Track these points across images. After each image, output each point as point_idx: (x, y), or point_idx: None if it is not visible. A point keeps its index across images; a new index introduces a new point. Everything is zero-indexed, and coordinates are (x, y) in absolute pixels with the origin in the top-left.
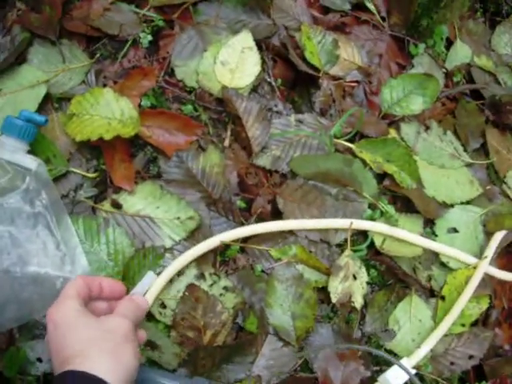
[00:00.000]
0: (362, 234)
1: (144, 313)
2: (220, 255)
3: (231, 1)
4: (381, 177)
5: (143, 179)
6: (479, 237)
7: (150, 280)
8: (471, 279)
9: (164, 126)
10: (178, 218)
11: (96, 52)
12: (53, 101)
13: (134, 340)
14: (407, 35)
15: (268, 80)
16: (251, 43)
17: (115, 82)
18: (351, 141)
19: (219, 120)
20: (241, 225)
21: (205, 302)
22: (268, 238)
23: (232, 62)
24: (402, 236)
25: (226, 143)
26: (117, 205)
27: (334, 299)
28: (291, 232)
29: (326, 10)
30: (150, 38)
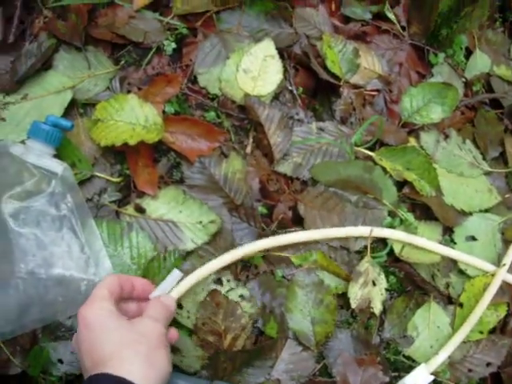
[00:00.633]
0: (382, 242)
1: (173, 314)
2: (241, 260)
3: (254, 9)
4: (400, 185)
5: (166, 184)
6: (497, 245)
7: (175, 278)
8: (489, 286)
9: (187, 133)
10: (200, 222)
11: (121, 59)
12: (78, 106)
13: (167, 345)
14: (427, 44)
15: (289, 88)
16: (273, 51)
17: (139, 89)
18: (371, 149)
19: (241, 127)
20: (262, 230)
21: (225, 307)
22: (289, 245)
23: (254, 70)
24: (421, 244)
25: (248, 150)
26: (140, 209)
27: (354, 305)
28: None
29: (347, 20)
30: (174, 46)
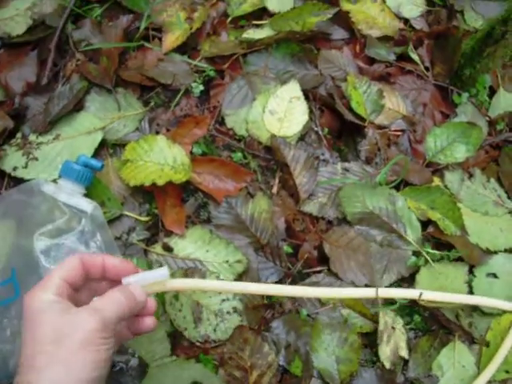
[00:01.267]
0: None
1: (139, 306)
2: (267, 298)
3: (279, 52)
4: (425, 225)
5: (193, 224)
6: None
7: (161, 275)
8: None
9: (214, 173)
10: (227, 262)
11: (150, 100)
12: (108, 146)
13: (100, 343)
14: (451, 84)
15: (315, 129)
16: (299, 93)
17: (168, 130)
18: (396, 188)
19: (267, 167)
20: (287, 270)
21: (252, 344)
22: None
23: (280, 112)
24: (434, 298)
25: (274, 190)
26: (168, 248)
27: (387, 363)
28: (337, 277)
29: (372, 61)
30: (202, 88)
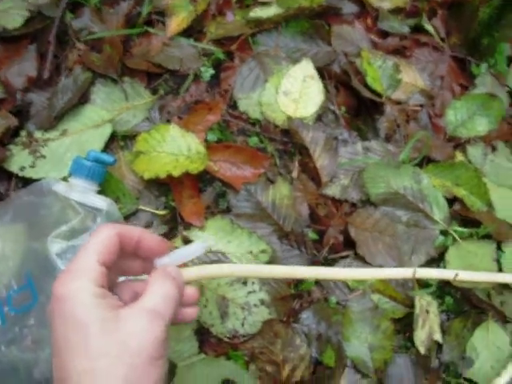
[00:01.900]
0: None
1: (182, 293)
2: (294, 288)
3: (289, 30)
4: (450, 202)
5: (213, 214)
6: None
7: (197, 250)
8: None
9: (231, 160)
10: (251, 252)
11: (158, 88)
12: (118, 139)
13: (166, 354)
14: (468, 55)
15: (332, 108)
16: (312, 71)
17: (179, 118)
18: (419, 165)
19: (285, 151)
20: (313, 257)
21: (283, 337)
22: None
23: (295, 92)
24: (472, 278)
25: (295, 174)
26: (188, 241)
27: (422, 348)
28: (365, 261)
29: (385, 34)
30: (212, 72)
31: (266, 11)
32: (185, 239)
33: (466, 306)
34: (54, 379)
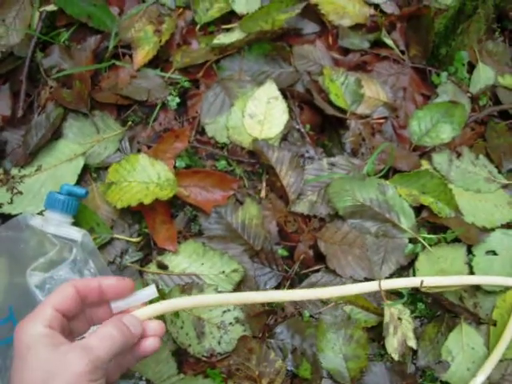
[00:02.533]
0: (406, 269)
1: (135, 337)
2: (268, 304)
3: (252, 53)
4: (418, 210)
5: (185, 238)
6: None
7: (149, 295)
8: None
9: (200, 184)
10: (223, 272)
11: (127, 119)
12: (91, 171)
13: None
14: (428, 65)
15: (297, 127)
16: (276, 93)
17: (149, 147)
18: (385, 177)
19: (253, 172)
20: (285, 273)
21: (258, 352)
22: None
23: (260, 114)
24: (438, 283)
25: (263, 194)
26: (163, 266)
27: (396, 355)
28: (336, 274)
29: (346, 51)
30: (178, 100)
31: (229, 37)
32: (159, 264)
33: (439, 311)
34: None
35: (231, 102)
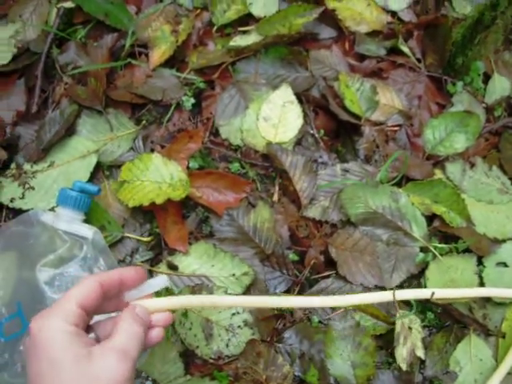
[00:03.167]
0: (416, 278)
1: (147, 330)
2: (277, 308)
3: (269, 57)
4: (430, 219)
5: (196, 239)
6: None
7: (159, 285)
8: None
9: (213, 186)
10: (234, 275)
11: (142, 118)
12: (103, 169)
13: None
14: (444, 74)
15: (311, 132)
16: (291, 97)
17: (162, 146)
18: (398, 185)
19: (266, 175)
20: (295, 277)
21: (266, 356)
22: (324, 289)
23: (274, 117)
24: (445, 295)
25: (275, 198)
26: (173, 266)
27: (404, 365)
28: (346, 280)
29: (362, 57)
30: (193, 101)
31: (246, 39)
32: (169, 264)
33: (448, 321)
34: None
35: (246, 105)
